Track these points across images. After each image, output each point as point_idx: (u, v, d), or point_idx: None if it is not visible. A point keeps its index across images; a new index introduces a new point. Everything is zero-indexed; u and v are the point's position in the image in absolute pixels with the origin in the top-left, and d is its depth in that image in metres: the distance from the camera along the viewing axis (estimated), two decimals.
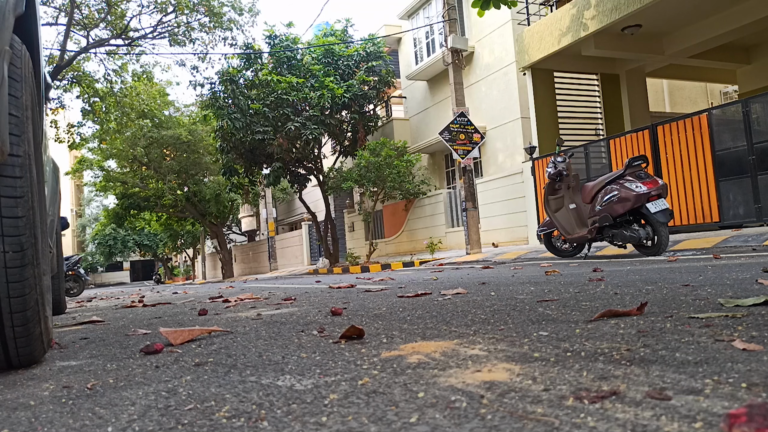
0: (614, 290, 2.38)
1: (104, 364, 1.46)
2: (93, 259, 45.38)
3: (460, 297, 2.62)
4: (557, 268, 4.75)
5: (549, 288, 2.75)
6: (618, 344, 1.18)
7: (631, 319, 1.51)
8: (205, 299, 4.38)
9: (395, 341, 1.46)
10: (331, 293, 3.81)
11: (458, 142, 10.11)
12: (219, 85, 14.06)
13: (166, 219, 29.53)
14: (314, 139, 13.63)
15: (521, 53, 10.61)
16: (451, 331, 1.55)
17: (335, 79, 13.92)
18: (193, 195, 24.03)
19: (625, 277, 3.12)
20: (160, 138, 20.80)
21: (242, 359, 1.36)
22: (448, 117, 12.08)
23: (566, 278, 3.38)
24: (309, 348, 1.45)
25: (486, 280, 3.81)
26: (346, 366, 1.17)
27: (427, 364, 1.13)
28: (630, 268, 3.98)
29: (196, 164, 22.57)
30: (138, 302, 4.56)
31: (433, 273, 6.11)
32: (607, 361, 1.03)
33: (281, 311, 2.64)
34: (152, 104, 19.46)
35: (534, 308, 1.94)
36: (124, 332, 2.25)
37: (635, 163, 5.66)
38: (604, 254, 6.78)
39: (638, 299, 1.98)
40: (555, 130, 10.61)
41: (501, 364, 1.07)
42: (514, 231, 11.43)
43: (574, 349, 1.17)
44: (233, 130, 13.51)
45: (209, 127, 19.91)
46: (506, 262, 7.70)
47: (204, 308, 2.98)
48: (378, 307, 2.44)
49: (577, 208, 6.27)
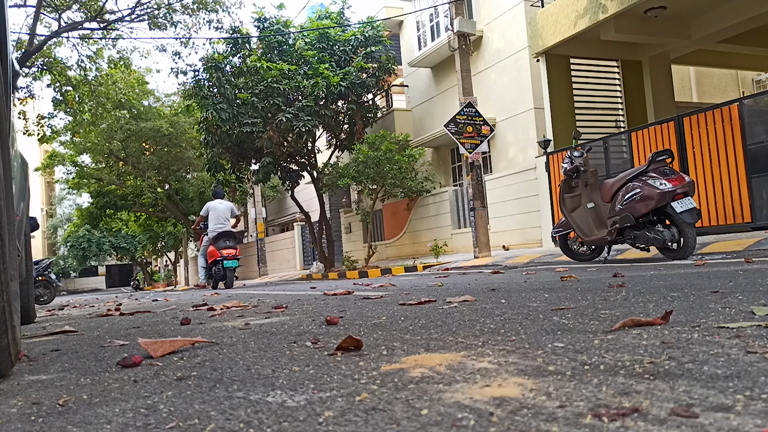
0: (636, 297, 2.38)
1: (77, 378, 1.46)
2: (65, 264, 45.40)
3: (467, 305, 2.63)
4: (574, 272, 4.75)
5: (565, 295, 2.75)
6: (640, 356, 1.18)
7: (655, 329, 1.51)
8: (188, 307, 4.38)
9: (396, 353, 1.46)
10: (326, 301, 3.81)
11: (465, 135, 10.12)
12: (203, 73, 14.07)
13: (145, 219, 29.56)
14: (307, 131, 13.63)
15: (534, 38, 10.61)
16: (457, 343, 1.55)
17: (330, 66, 13.93)
18: (174, 193, 24.04)
19: (648, 282, 3.12)
20: (138, 130, 20.82)
21: (229, 373, 1.36)
22: (455, 107, 12.09)
23: (584, 284, 3.38)
24: (302, 360, 1.45)
25: (496, 287, 3.81)
26: (342, 380, 1.17)
27: (431, 378, 1.13)
28: (653, 273, 3.98)
29: (178, 159, 22.60)
30: (114, 310, 4.56)
31: (437, 278, 6.11)
32: (629, 375, 1.03)
33: (271, 320, 2.64)
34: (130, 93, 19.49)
35: (548, 317, 1.95)
36: (99, 343, 2.25)
37: (659, 158, 5.66)
38: (625, 258, 6.78)
39: (663, 307, 1.98)
40: (571, 121, 10.62)
41: (512, 379, 1.07)
42: (526, 232, 11.43)
43: (592, 361, 1.17)
44: (219, 122, 13.51)
45: (192, 118, 19.93)
46: (518, 267, 7.70)
47: (187, 317, 2.98)
48: (377, 316, 2.44)
49: (596, 207, 6.27)
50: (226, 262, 9.95)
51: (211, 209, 10.34)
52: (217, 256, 10.02)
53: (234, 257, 10.03)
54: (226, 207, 10.45)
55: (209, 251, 10.29)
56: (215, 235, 10.17)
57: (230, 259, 9.97)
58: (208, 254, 10.35)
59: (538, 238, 11.00)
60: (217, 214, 10.28)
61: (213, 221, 10.23)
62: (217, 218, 10.24)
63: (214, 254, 10.11)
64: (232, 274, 10.01)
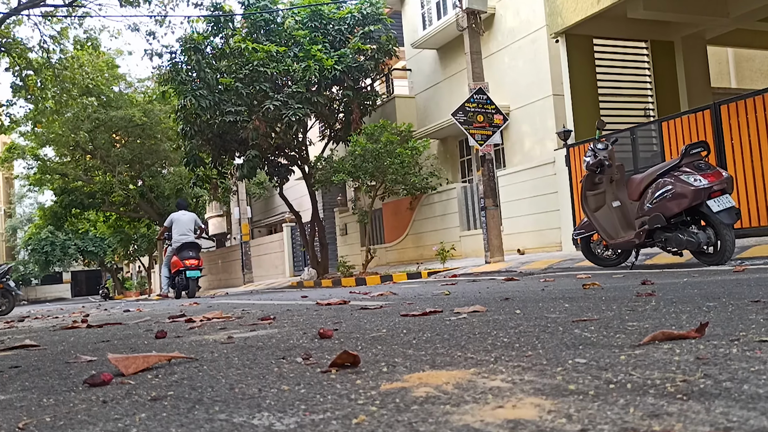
0: (668, 307, 2.38)
1: (39, 398, 1.47)
2: (26, 270, 45.41)
3: (477, 316, 2.63)
4: (597, 279, 4.76)
5: (587, 305, 2.76)
6: (672, 374, 1.18)
7: (689, 343, 1.51)
8: (164, 319, 4.38)
9: (398, 370, 1.46)
10: (319, 311, 3.81)
11: (475, 125, 10.12)
12: (181, 55, 14.07)
13: (115, 220, 29.59)
14: (298, 121, 13.64)
15: (553, 15, 10.62)
16: (466, 358, 1.55)
17: (324, 48, 13.93)
18: (148, 190, 24.06)
19: (680, 291, 3.12)
20: (108, 120, 20.84)
21: (209, 392, 1.36)
22: (464, 94, 12.09)
23: (608, 292, 3.38)
24: (292, 378, 1.46)
25: (510, 295, 3.81)
26: (337, 401, 1.18)
27: (437, 398, 1.13)
28: (687, 280, 3.98)
29: (152, 152, 22.62)
30: (81, 322, 4.56)
31: (444, 286, 6.11)
32: (659, 395, 1.03)
33: (257, 333, 2.64)
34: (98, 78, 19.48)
35: (569, 330, 1.95)
36: (64, 359, 2.25)
37: (693, 151, 5.65)
38: (654, 263, 6.78)
39: (697, 318, 1.98)
40: (595, 110, 10.62)
41: (528, 399, 1.07)
42: (544, 234, 11.44)
43: (618, 379, 1.17)
44: (198, 110, 13.52)
45: (169, 106, 19.94)
46: (534, 273, 7.70)
47: (162, 330, 2.99)
48: (377, 329, 2.44)
49: (622, 206, 6.27)
50: (188, 272, 11.44)
51: (175, 220, 11.92)
52: (180, 266, 11.49)
53: (196, 267, 11.56)
54: (189, 218, 12.03)
55: (173, 261, 11.73)
56: (179, 245, 11.67)
57: (193, 269, 11.49)
58: (171, 264, 11.78)
59: (558, 241, 11.01)
60: (181, 225, 11.84)
61: (176, 232, 11.79)
62: (180, 229, 11.79)
63: (177, 264, 11.57)
64: (194, 284, 11.52)
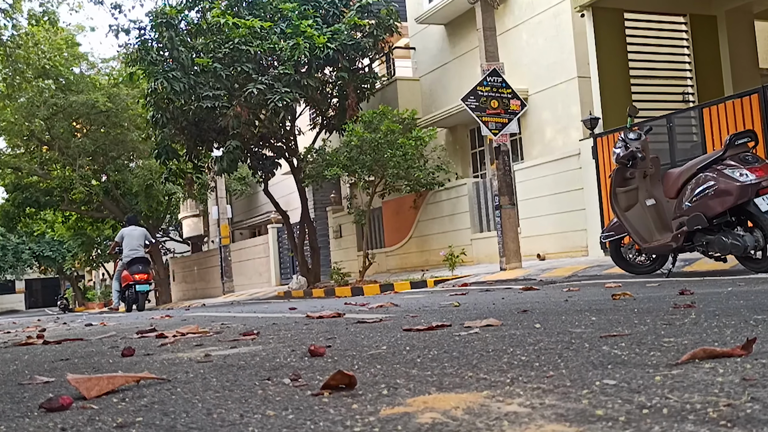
0: (709, 321, 2.38)
1: None
2: None
3: (491, 331, 2.63)
4: (629, 289, 4.75)
5: (617, 318, 2.75)
6: (715, 397, 1.18)
7: (734, 362, 1.51)
8: (132, 334, 4.38)
9: (400, 393, 1.46)
10: (310, 325, 3.81)
11: (489, 111, 10.12)
12: (151, 31, 14.06)
13: (76, 220, 29.56)
14: (285, 107, 13.63)
15: None
16: (478, 379, 1.55)
17: (315, 23, 13.92)
18: (114, 186, 24.05)
19: (724, 302, 3.12)
20: (67, 106, 20.81)
21: (184, 418, 1.36)
22: (475, 76, 12.08)
23: (641, 304, 3.38)
24: (278, 402, 1.45)
25: (528, 307, 3.81)
26: (330, 428, 1.17)
27: (444, 425, 1.13)
28: (731, 289, 3.97)
29: (118, 143, 22.59)
30: (37, 338, 4.56)
31: (453, 297, 6.11)
32: (700, 422, 1.03)
33: (239, 351, 2.64)
34: (56, 58, 19.48)
35: (596, 346, 1.95)
36: (16, 380, 2.25)
37: (739, 142, 5.65)
38: (694, 270, 6.78)
39: (743, 334, 1.98)
40: (626, 94, 10.62)
41: (549, 426, 1.07)
42: (567, 237, 11.43)
43: (652, 403, 1.17)
44: (171, 95, 13.52)
45: (137, 90, 19.93)
46: (557, 281, 7.69)
47: (130, 347, 2.98)
48: (375, 345, 2.44)
49: (657, 204, 6.27)
50: (138, 287, 13.15)
51: (126, 235, 13.64)
52: (130, 280, 13.22)
53: (146, 281, 13.32)
54: (139, 233, 13.84)
55: (123, 275, 13.48)
56: (129, 260, 13.32)
57: (142, 283, 13.19)
58: (122, 278, 13.53)
59: (583, 245, 11.01)
60: (131, 240, 13.54)
61: (127, 247, 13.48)
62: (130, 244, 13.48)
63: (127, 278, 13.31)
64: (143, 297, 13.36)
